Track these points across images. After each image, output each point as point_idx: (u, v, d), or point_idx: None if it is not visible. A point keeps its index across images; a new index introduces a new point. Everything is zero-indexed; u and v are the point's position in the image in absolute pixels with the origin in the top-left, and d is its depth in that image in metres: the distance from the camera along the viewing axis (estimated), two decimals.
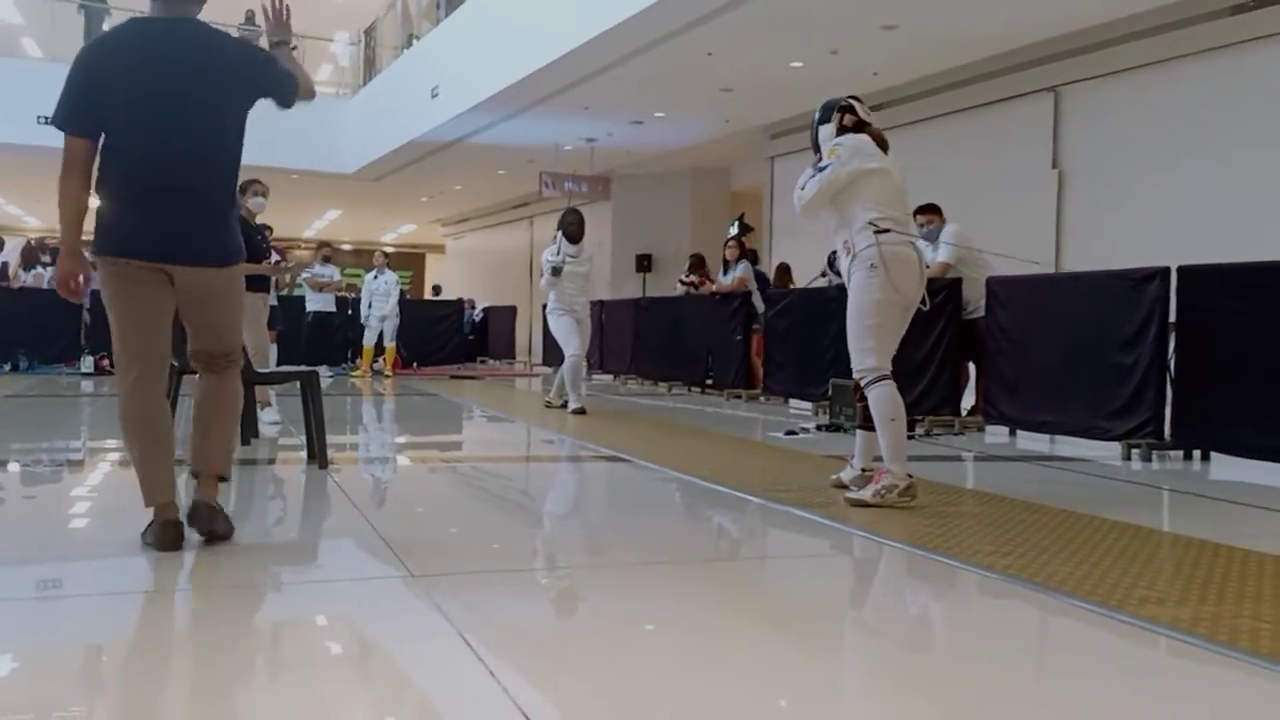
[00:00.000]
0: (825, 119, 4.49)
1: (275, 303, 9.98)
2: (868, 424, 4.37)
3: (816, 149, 4.48)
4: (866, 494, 4.18)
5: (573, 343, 8.48)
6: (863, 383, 4.31)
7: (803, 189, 4.38)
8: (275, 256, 11.83)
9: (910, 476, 4.19)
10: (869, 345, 4.27)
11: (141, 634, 2.62)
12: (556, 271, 8.41)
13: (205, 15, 3.28)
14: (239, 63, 3.28)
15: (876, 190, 4.28)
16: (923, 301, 4.37)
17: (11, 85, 16.01)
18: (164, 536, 3.20)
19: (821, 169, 4.32)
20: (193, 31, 3.22)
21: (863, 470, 4.47)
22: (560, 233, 8.61)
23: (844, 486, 4.49)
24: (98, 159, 3.18)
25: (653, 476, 5.32)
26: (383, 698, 2.22)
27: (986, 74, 11.13)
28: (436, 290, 22.90)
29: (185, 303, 3.27)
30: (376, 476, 5.54)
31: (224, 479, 3.42)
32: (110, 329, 3.24)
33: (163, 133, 3.13)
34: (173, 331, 3.34)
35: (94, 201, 3.21)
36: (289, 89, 3.36)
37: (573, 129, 15.47)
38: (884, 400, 4.22)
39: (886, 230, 4.23)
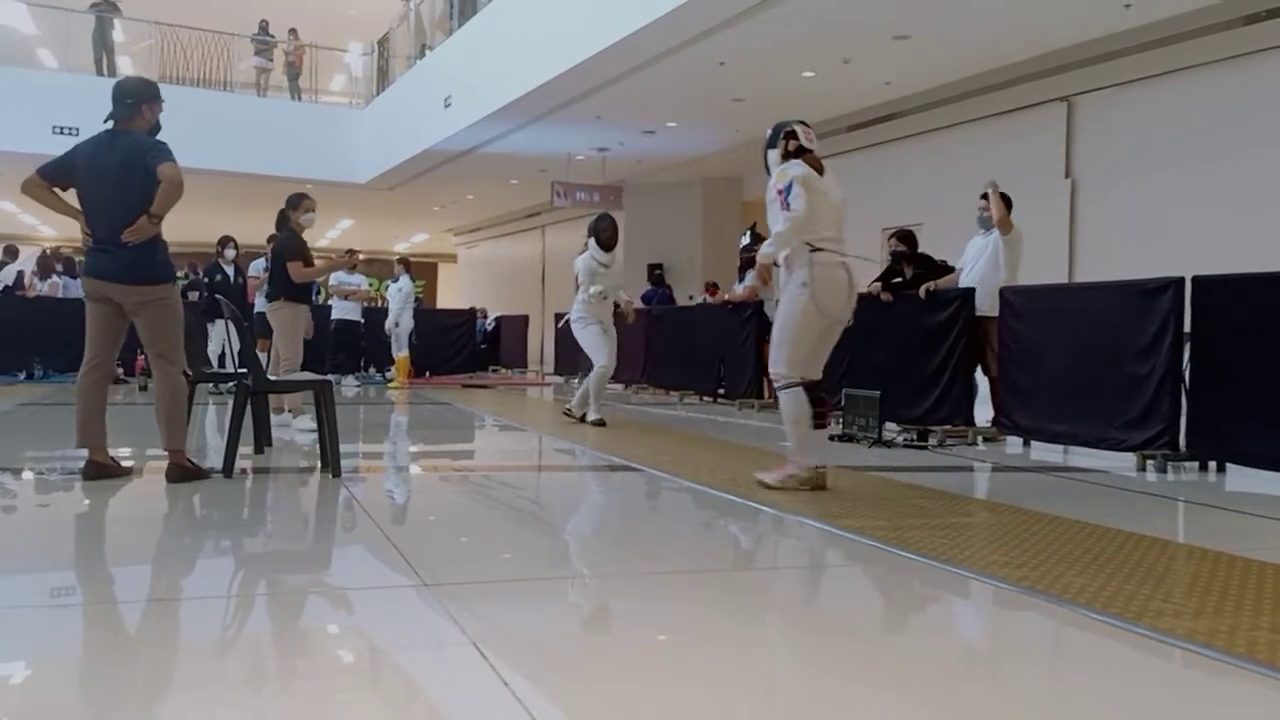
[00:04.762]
0: (773, 143, 4.90)
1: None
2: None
3: (767, 169, 4.88)
4: (770, 478, 4.73)
5: (602, 353, 8.15)
6: (775, 386, 4.76)
7: (779, 233, 4.68)
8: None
9: (815, 469, 4.69)
10: (784, 355, 4.70)
11: (152, 642, 2.63)
12: (605, 296, 8.17)
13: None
14: (141, 153, 4.73)
15: (815, 211, 4.61)
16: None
17: (27, 96, 16.12)
18: (88, 471, 4.78)
19: (790, 204, 4.61)
20: (121, 140, 4.80)
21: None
22: (592, 239, 8.25)
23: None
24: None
25: (665, 486, 5.31)
26: (395, 707, 2.22)
27: (999, 84, 11.11)
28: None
29: (129, 314, 4.80)
30: (389, 485, 5.55)
31: (179, 452, 4.82)
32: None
33: (97, 205, 4.77)
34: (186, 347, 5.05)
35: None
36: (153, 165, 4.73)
37: (585, 139, 15.50)
38: (790, 405, 4.70)
39: (820, 249, 4.63)
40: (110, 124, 4.84)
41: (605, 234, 8.22)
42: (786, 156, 4.80)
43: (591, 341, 8.19)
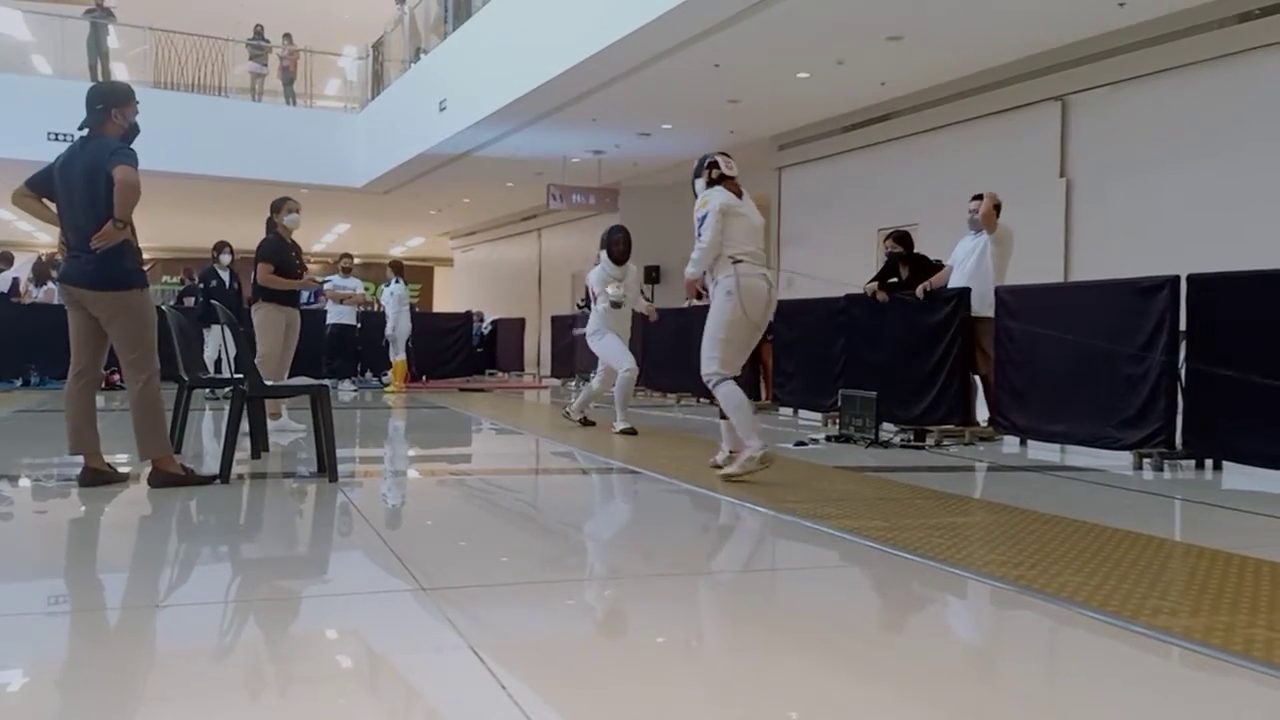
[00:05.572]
0: (698, 173, 5.49)
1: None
2: (725, 415, 5.30)
3: (695, 194, 5.43)
4: (734, 468, 5.03)
5: (626, 359, 7.84)
6: (710, 384, 5.19)
7: (695, 259, 5.27)
8: None
9: (765, 447, 5.04)
10: (715, 355, 5.21)
11: (150, 649, 2.62)
12: (617, 305, 7.86)
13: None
14: (103, 158, 4.68)
15: (736, 230, 5.20)
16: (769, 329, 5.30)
17: (22, 102, 16.12)
18: (84, 478, 4.82)
19: (701, 233, 5.21)
20: (90, 146, 4.78)
21: (731, 451, 5.37)
22: (604, 252, 7.92)
23: (719, 467, 5.37)
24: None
25: (662, 488, 5.31)
26: (393, 711, 2.22)
27: (993, 83, 11.13)
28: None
29: (102, 324, 4.79)
30: (386, 490, 5.55)
31: (162, 458, 4.83)
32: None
33: (68, 212, 4.80)
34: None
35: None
36: (110, 168, 4.67)
37: (580, 141, 15.51)
38: (729, 395, 5.18)
39: (741, 262, 5.17)
40: (85, 131, 4.83)
41: (617, 247, 7.90)
42: (710, 184, 5.35)
43: (611, 350, 7.91)
